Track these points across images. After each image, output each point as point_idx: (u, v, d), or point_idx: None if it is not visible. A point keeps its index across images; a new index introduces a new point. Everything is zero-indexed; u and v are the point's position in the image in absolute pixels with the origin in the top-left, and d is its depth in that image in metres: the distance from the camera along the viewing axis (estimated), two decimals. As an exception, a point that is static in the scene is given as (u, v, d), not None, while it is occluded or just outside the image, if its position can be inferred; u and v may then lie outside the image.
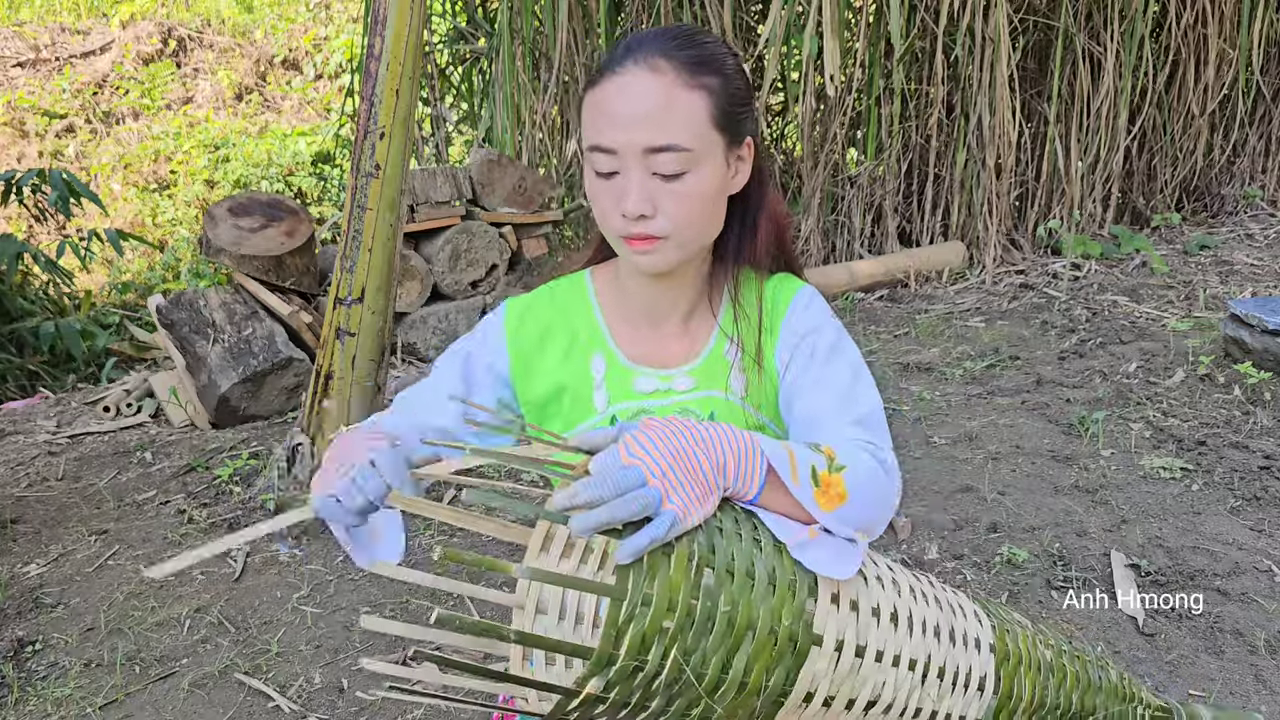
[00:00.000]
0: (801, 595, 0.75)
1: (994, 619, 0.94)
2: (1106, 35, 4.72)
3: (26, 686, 1.90)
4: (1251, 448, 2.59)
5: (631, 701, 0.71)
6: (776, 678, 0.74)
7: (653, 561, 0.69)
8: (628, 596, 0.68)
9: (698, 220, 0.94)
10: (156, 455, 3.12)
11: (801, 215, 4.88)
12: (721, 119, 0.93)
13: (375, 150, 2.48)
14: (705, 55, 0.92)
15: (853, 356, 1.01)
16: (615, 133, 0.90)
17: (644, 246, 0.93)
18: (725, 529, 0.75)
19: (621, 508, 0.69)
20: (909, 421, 3.00)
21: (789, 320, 1.03)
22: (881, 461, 0.86)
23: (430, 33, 5.28)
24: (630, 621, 0.68)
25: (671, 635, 0.69)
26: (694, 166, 0.91)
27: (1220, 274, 4.35)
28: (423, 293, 3.98)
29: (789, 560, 0.76)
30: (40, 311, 4.95)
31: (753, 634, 0.72)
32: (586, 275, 1.10)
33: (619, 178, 0.92)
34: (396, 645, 1.98)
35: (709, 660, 0.71)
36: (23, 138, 8.24)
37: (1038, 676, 0.92)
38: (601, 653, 0.67)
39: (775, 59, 4.07)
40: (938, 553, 2.22)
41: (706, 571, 0.71)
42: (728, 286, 1.04)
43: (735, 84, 0.95)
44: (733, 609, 0.71)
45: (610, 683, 0.69)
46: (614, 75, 0.91)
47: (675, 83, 0.90)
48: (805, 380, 0.98)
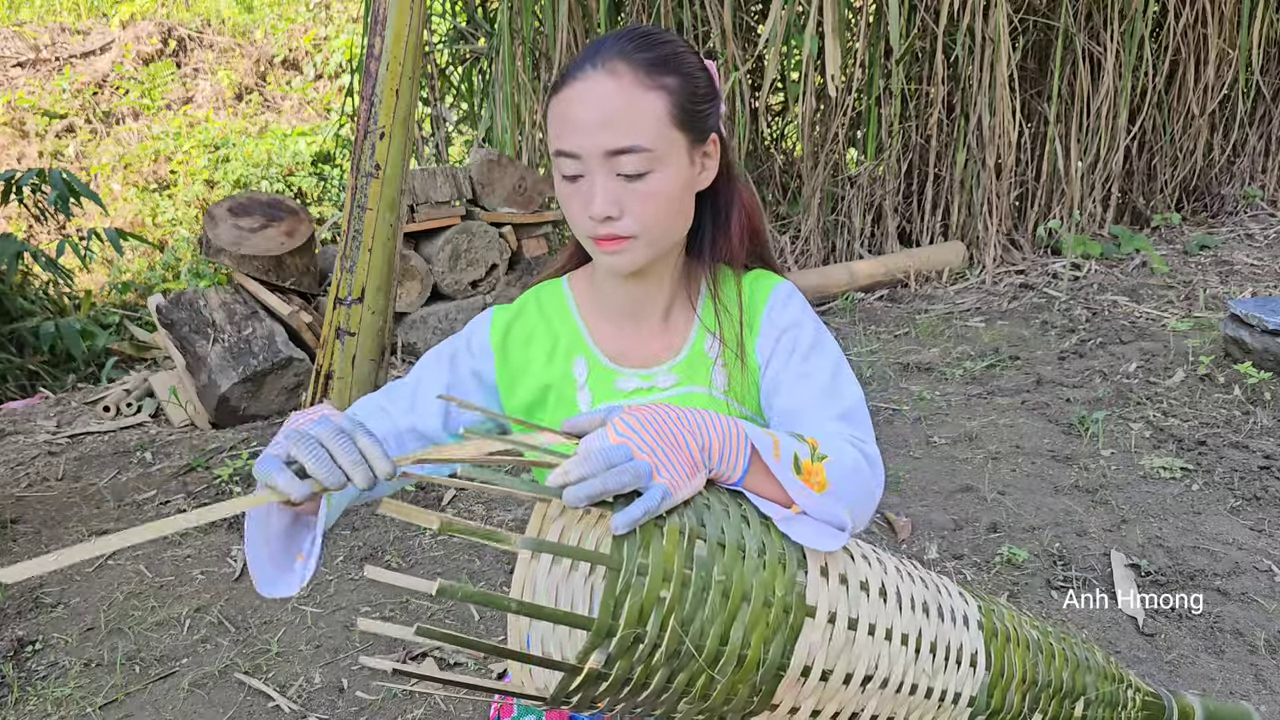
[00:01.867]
0: (791, 568, 0.77)
1: (978, 599, 0.96)
2: (1106, 35, 4.72)
3: (26, 686, 1.90)
4: (1251, 448, 2.59)
5: (633, 678, 0.72)
6: (774, 649, 0.75)
7: (645, 535, 0.71)
8: (624, 566, 0.69)
9: (664, 219, 0.95)
10: (156, 455, 3.12)
11: (801, 215, 4.89)
12: (682, 117, 0.94)
13: (375, 150, 2.48)
14: (663, 56, 0.94)
15: (833, 351, 1.02)
16: (577, 137, 0.91)
17: (613, 247, 0.95)
18: (713, 505, 0.77)
19: (613, 478, 0.71)
20: (909, 421, 3.00)
21: (768, 315, 1.04)
22: (865, 454, 0.88)
23: (430, 33, 5.28)
24: (627, 591, 0.69)
25: (669, 605, 0.70)
26: (657, 166, 0.92)
27: (1220, 274, 4.35)
28: (423, 293, 3.98)
29: (777, 535, 0.78)
30: (40, 311, 4.95)
31: (748, 604, 0.73)
32: (564, 281, 1.11)
33: (584, 181, 0.93)
34: (396, 645, 1.98)
35: (707, 631, 0.72)
36: (23, 138, 8.24)
37: (1026, 653, 0.93)
38: (601, 623, 0.68)
39: (775, 59, 4.07)
40: (938, 553, 2.22)
41: (699, 543, 0.73)
42: (706, 281, 1.05)
43: (695, 82, 0.96)
44: (727, 579, 0.73)
45: (611, 657, 0.70)
46: (575, 81, 0.93)
47: (633, 84, 0.91)
48: (786, 375, 1.00)
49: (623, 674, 0.71)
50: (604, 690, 0.72)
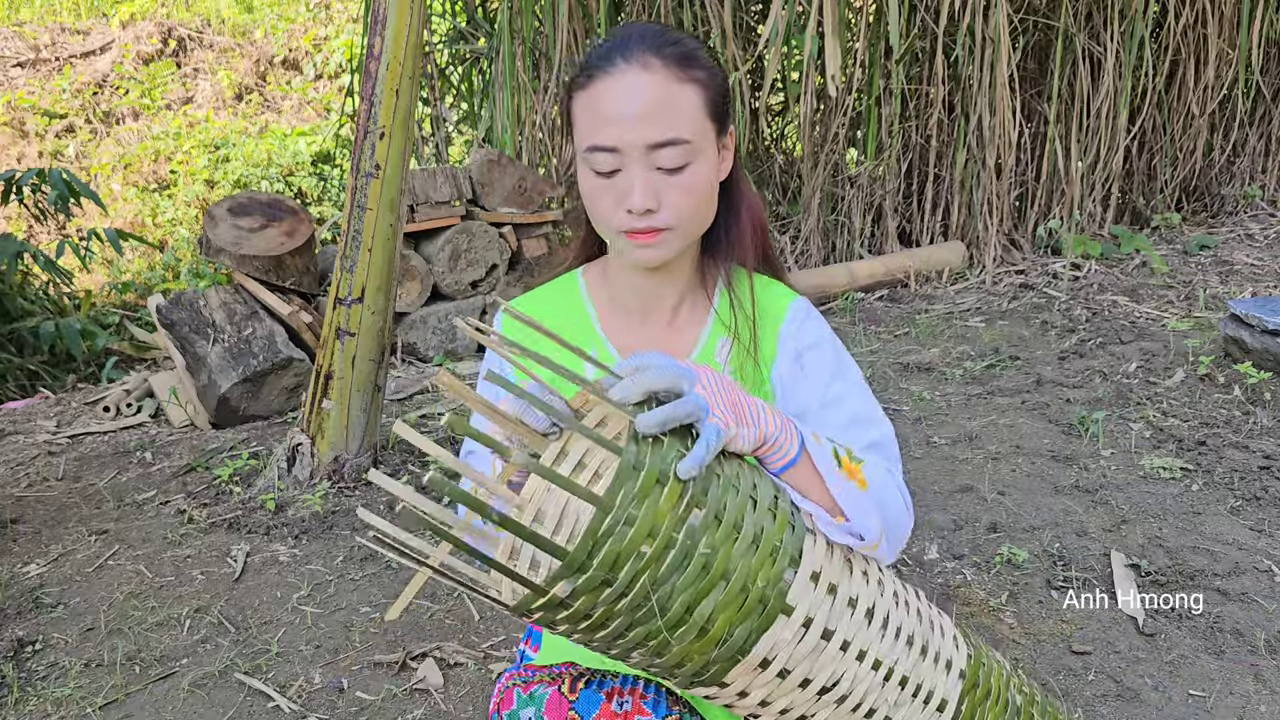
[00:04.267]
0: (782, 564, 0.76)
1: (971, 648, 0.94)
2: (1106, 35, 4.72)
3: (26, 686, 1.90)
4: (1251, 448, 2.59)
5: (593, 615, 0.72)
6: (738, 633, 0.75)
7: (645, 487, 0.70)
8: (613, 511, 0.68)
9: (699, 210, 0.96)
10: (156, 455, 3.12)
11: (801, 215, 4.89)
12: (713, 109, 0.95)
13: (375, 150, 2.48)
14: (689, 50, 0.95)
15: (856, 375, 1.03)
16: (617, 130, 0.91)
17: (649, 240, 0.95)
18: (724, 476, 0.76)
19: (668, 376, 0.72)
20: (909, 422, 3.00)
21: (785, 333, 1.04)
22: (898, 483, 0.90)
23: (430, 33, 5.28)
24: (609, 536, 0.68)
25: (646, 561, 0.70)
26: (695, 158, 0.93)
27: (1220, 274, 4.35)
28: (423, 293, 3.98)
29: (780, 524, 0.77)
30: (40, 311, 4.95)
31: (725, 584, 0.73)
32: (578, 274, 1.12)
33: (620, 175, 0.93)
34: (397, 644, 1.98)
35: (675, 597, 0.72)
36: (23, 138, 8.24)
37: (1002, 715, 0.92)
38: (574, 557, 0.68)
39: (775, 59, 4.07)
40: (938, 553, 2.22)
41: (695, 511, 0.72)
42: (723, 279, 1.06)
43: (718, 75, 0.98)
44: (711, 554, 0.72)
45: (576, 590, 0.70)
46: (605, 75, 0.92)
47: (669, 78, 0.92)
48: (809, 398, 1.00)
49: (584, 609, 0.71)
50: (563, 618, 0.72)
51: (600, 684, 0.98)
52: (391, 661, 1.91)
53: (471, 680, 1.86)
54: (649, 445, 0.71)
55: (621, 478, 0.69)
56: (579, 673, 1.00)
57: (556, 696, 0.97)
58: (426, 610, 2.11)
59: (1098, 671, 1.78)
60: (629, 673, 0.99)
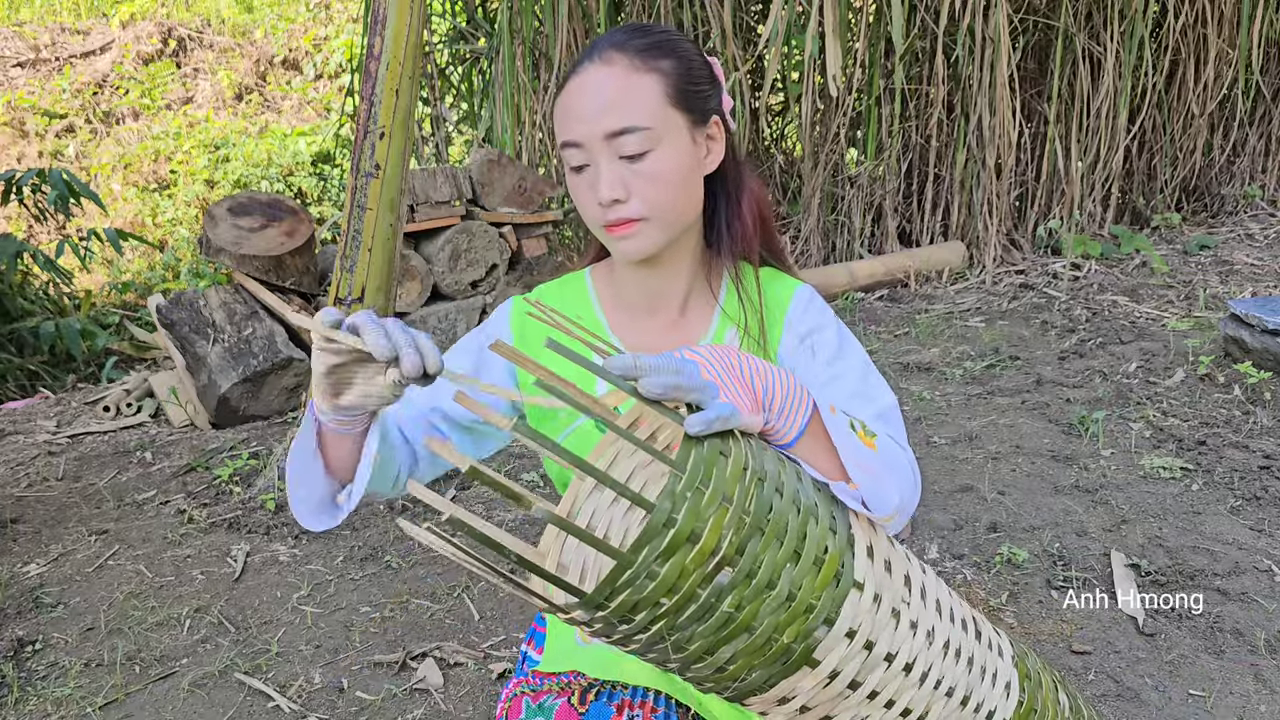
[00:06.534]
0: (815, 622, 0.73)
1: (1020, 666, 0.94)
2: (1106, 35, 4.72)
3: (26, 686, 1.90)
4: (1251, 448, 2.59)
5: (611, 637, 0.72)
6: (756, 676, 0.74)
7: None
8: (633, 568, 0.66)
9: (671, 199, 0.96)
10: (156, 455, 3.12)
11: (801, 215, 4.89)
12: (679, 97, 0.95)
13: (375, 150, 2.48)
14: (656, 42, 0.96)
15: (859, 353, 1.02)
16: (578, 126, 0.93)
17: (624, 231, 0.95)
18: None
19: (685, 378, 0.69)
20: (909, 421, 3.00)
21: (790, 318, 1.04)
22: (906, 454, 0.88)
23: (430, 33, 5.28)
24: (627, 587, 0.67)
25: (664, 612, 0.69)
26: (656, 145, 0.93)
27: (1220, 274, 4.35)
28: (423, 293, 3.98)
29: (823, 581, 0.73)
30: (40, 311, 4.95)
31: (749, 635, 0.71)
32: (587, 273, 1.13)
33: (590, 169, 0.95)
34: (397, 644, 1.98)
35: (692, 644, 0.71)
36: (23, 138, 8.24)
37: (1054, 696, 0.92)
38: (591, 598, 0.68)
39: (775, 59, 4.07)
40: (938, 552, 2.22)
41: (725, 570, 0.69)
42: (729, 273, 1.05)
43: (690, 64, 0.97)
44: (735, 611, 0.70)
45: (594, 619, 0.69)
46: (575, 76, 0.95)
47: (628, 69, 0.93)
48: (814, 380, 0.99)
49: (603, 631, 0.70)
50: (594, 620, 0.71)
51: (610, 696, 0.97)
52: (391, 661, 1.91)
53: (471, 680, 1.86)
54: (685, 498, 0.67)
55: (648, 534, 0.66)
56: (588, 683, 0.99)
57: (566, 708, 0.96)
58: (426, 610, 2.11)
59: (1098, 671, 1.78)
60: (639, 685, 0.98)
